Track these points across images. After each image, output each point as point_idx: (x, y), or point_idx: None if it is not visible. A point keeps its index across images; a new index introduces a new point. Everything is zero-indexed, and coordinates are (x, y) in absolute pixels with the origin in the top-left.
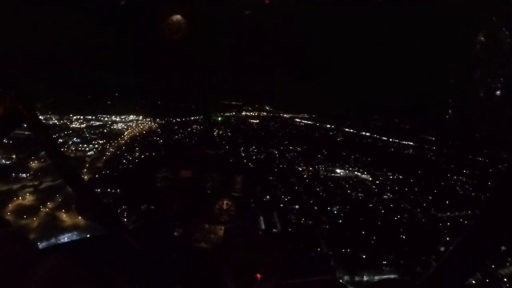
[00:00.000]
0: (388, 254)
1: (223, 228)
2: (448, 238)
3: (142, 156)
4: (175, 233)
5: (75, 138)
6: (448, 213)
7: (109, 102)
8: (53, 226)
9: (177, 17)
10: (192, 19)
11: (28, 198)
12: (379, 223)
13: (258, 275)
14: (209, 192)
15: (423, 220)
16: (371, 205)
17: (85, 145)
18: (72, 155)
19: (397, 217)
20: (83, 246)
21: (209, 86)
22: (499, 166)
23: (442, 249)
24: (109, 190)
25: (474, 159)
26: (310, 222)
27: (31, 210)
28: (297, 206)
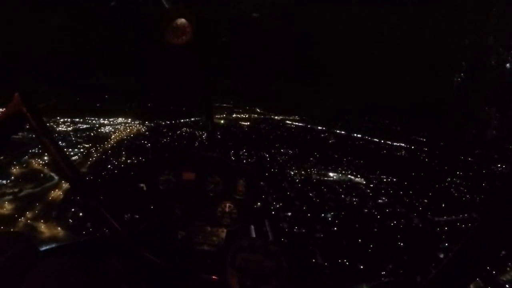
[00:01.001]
0: (386, 263)
1: (225, 231)
2: (447, 244)
3: (128, 161)
4: (177, 236)
5: (60, 142)
6: (445, 217)
7: (98, 104)
8: (31, 237)
9: (182, 20)
10: (197, 22)
11: (7, 207)
12: (375, 229)
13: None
14: (211, 194)
15: (420, 225)
16: (366, 210)
17: (70, 149)
18: None
19: (393, 223)
20: (85, 248)
21: (211, 89)
22: (492, 167)
23: (442, 255)
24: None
25: (466, 160)
26: (303, 230)
27: (8, 220)
28: (289, 214)
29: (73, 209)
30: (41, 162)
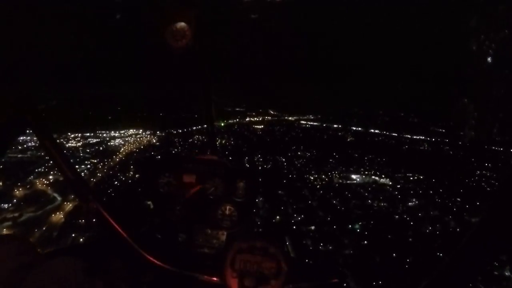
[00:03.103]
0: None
1: (225, 233)
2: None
3: (136, 175)
4: (177, 238)
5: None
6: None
7: (109, 117)
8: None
9: (181, 24)
10: (196, 25)
11: (4, 234)
12: (410, 239)
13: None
14: (211, 197)
15: (458, 229)
16: (397, 216)
17: (76, 167)
18: (61, 178)
19: (428, 229)
20: (85, 250)
21: (212, 92)
22: None
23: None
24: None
25: (491, 149)
26: (330, 247)
27: None
28: (313, 227)
29: (73, 235)
30: (45, 182)
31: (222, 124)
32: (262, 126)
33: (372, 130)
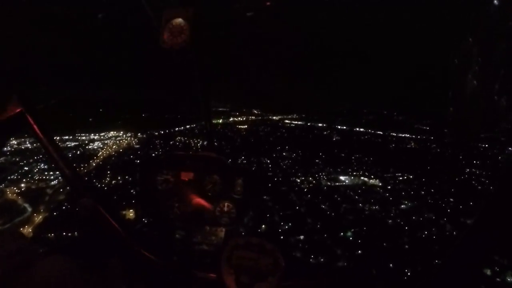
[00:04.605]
0: None
1: (223, 230)
2: (497, 258)
3: (113, 182)
4: (176, 236)
5: (42, 164)
6: None
7: (90, 119)
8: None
9: (179, 20)
10: (194, 22)
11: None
12: (406, 246)
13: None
14: (210, 194)
15: (455, 232)
16: (390, 220)
17: (50, 173)
18: (33, 186)
19: (424, 234)
20: (83, 247)
21: (210, 90)
22: (507, 152)
23: (489, 272)
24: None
25: (477, 145)
26: (322, 259)
27: None
28: (302, 237)
29: (41, 250)
30: (17, 190)
31: (218, 128)
32: (246, 126)
33: (358, 129)
